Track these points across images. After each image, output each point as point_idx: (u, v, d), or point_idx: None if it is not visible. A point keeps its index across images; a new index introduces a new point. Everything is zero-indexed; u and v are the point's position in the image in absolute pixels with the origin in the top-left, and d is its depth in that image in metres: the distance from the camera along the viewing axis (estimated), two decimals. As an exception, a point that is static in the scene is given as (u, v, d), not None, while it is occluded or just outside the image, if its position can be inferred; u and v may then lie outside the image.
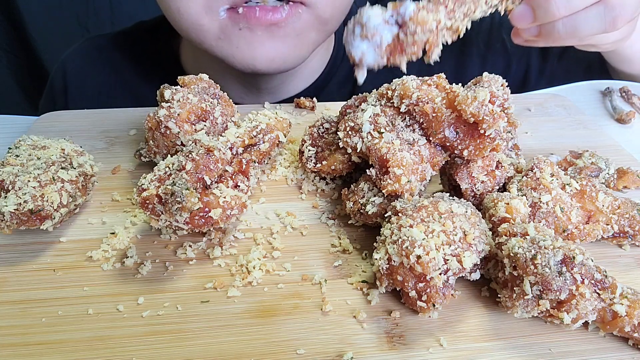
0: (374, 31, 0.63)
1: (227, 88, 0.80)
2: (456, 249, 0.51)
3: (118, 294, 0.55)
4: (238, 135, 0.65)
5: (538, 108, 0.91)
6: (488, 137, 0.57)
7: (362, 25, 0.63)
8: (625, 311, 0.49)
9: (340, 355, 0.49)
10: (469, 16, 0.68)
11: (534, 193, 0.59)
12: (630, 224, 0.60)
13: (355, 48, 0.64)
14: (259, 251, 0.60)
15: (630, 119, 0.89)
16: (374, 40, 0.63)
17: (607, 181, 0.70)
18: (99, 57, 1.14)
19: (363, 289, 0.56)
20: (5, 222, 0.55)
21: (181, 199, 0.53)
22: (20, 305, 0.53)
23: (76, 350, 0.49)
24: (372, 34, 0.63)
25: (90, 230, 0.63)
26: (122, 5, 1.80)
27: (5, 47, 1.85)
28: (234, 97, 0.79)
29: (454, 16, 0.66)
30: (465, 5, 0.67)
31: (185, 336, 0.50)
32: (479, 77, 0.67)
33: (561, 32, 0.70)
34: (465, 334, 0.52)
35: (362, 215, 0.61)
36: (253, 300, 0.54)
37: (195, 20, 0.86)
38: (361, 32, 0.64)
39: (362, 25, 0.63)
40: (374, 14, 0.63)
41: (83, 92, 1.12)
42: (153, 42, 1.12)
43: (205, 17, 0.85)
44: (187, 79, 0.71)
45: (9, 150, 0.64)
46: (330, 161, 0.66)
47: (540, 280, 0.48)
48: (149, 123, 0.67)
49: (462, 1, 0.67)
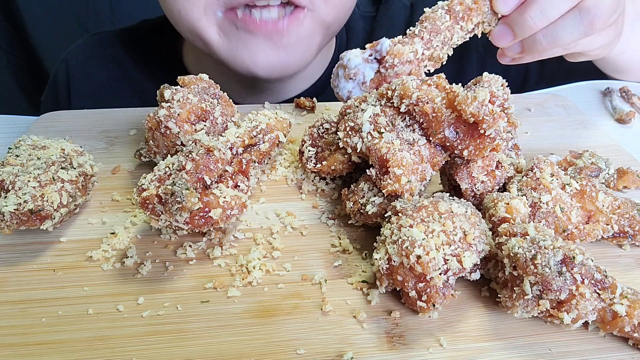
0: (356, 70, 0.67)
1: (228, 88, 0.80)
2: (456, 249, 0.51)
3: (118, 294, 0.55)
4: (238, 135, 0.65)
5: (538, 108, 0.91)
6: (488, 137, 0.57)
7: (344, 67, 0.67)
8: (625, 311, 0.49)
9: (340, 355, 0.49)
10: (447, 44, 0.70)
11: (534, 193, 0.59)
12: (630, 224, 0.60)
13: (342, 89, 0.68)
14: (259, 251, 0.60)
15: (630, 119, 0.89)
16: (357, 79, 0.67)
17: (607, 181, 0.70)
18: (103, 52, 1.14)
19: (363, 289, 0.56)
20: (5, 222, 0.55)
21: (181, 199, 0.53)
22: (20, 305, 0.53)
23: (76, 350, 0.49)
24: (354, 73, 0.67)
25: (90, 230, 0.63)
26: (122, 5, 1.80)
27: (5, 47, 1.85)
28: (234, 97, 0.79)
29: (432, 45, 0.69)
30: (441, 34, 0.69)
31: (185, 336, 0.50)
32: (479, 77, 0.67)
33: (543, 43, 0.71)
34: (465, 334, 0.52)
35: (362, 215, 0.61)
36: (253, 300, 0.54)
37: (195, 22, 0.87)
38: (344, 74, 0.67)
39: (344, 67, 0.67)
40: (353, 55, 0.67)
41: (86, 86, 1.12)
42: (157, 40, 1.13)
43: (204, 19, 0.87)
44: (187, 79, 0.71)
45: (9, 150, 0.64)
46: (330, 161, 0.66)
47: (540, 280, 0.48)
48: (149, 123, 0.67)
49: (436, 31, 0.69)
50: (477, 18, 0.70)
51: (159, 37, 1.13)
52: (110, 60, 1.13)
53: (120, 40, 1.15)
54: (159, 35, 1.13)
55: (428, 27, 0.69)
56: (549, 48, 0.72)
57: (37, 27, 1.83)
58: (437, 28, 0.69)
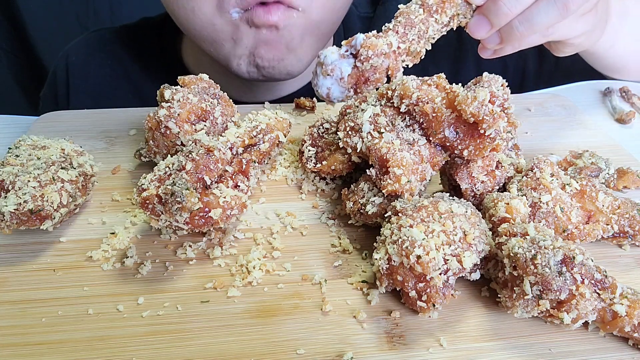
0: (333, 66, 0.68)
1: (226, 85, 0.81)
2: (456, 249, 0.51)
3: (118, 294, 0.55)
4: (238, 135, 0.65)
5: (538, 108, 0.91)
6: (488, 137, 0.57)
7: (322, 64, 0.69)
8: (625, 311, 0.49)
9: (340, 355, 0.49)
10: (423, 37, 0.71)
11: (534, 193, 0.59)
12: (630, 224, 0.60)
13: (320, 86, 0.69)
14: (259, 251, 0.60)
15: (630, 119, 0.89)
16: (334, 74, 0.68)
17: (607, 181, 0.70)
18: (102, 49, 1.14)
19: (363, 289, 0.56)
20: (5, 222, 0.55)
21: (181, 199, 0.53)
22: (20, 305, 0.53)
23: (76, 350, 0.49)
24: (331, 69, 0.68)
25: (90, 230, 0.63)
26: (122, 5, 1.80)
27: (5, 47, 1.85)
28: (233, 94, 0.79)
29: (407, 39, 0.70)
30: (415, 27, 0.70)
31: (185, 336, 0.50)
32: (479, 77, 0.67)
33: (520, 29, 0.71)
34: (465, 334, 0.52)
35: (362, 215, 0.61)
36: (253, 300, 0.54)
37: (209, 20, 0.87)
38: (322, 70, 0.69)
39: (322, 64, 0.69)
40: (329, 52, 0.69)
41: (85, 83, 1.12)
42: (157, 38, 1.13)
43: (218, 17, 0.87)
44: (187, 79, 0.71)
45: (9, 150, 0.64)
46: (330, 161, 0.66)
47: (540, 280, 0.48)
48: (149, 123, 0.67)
49: (411, 24, 0.70)
50: (451, 10, 0.71)
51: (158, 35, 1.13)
52: (110, 57, 1.13)
53: (120, 37, 1.15)
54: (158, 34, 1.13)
55: (402, 21, 0.70)
56: (527, 34, 0.72)
57: (37, 27, 1.83)
58: (411, 21, 0.70)
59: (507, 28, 0.72)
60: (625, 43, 0.93)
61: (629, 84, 0.97)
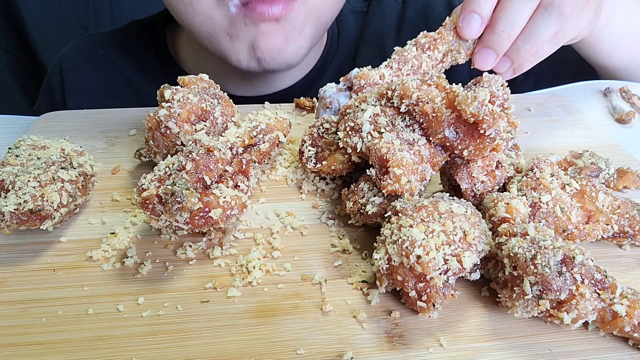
0: (331, 99, 0.74)
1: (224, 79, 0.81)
2: (456, 249, 0.51)
3: (118, 294, 0.55)
4: (238, 135, 0.65)
5: (538, 108, 0.91)
6: (488, 137, 0.57)
7: (322, 98, 0.74)
8: (625, 311, 0.49)
9: (340, 355, 0.49)
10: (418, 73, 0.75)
11: (534, 193, 0.59)
12: (630, 224, 0.60)
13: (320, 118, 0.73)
14: (259, 251, 0.60)
15: (630, 119, 0.89)
16: (333, 106, 0.74)
17: (607, 181, 0.70)
18: (95, 53, 1.15)
19: (363, 289, 0.56)
20: (5, 222, 0.55)
21: (181, 199, 0.53)
22: (20, 305, 0.53)
23: (76, 350, 0.49)
24: (329, 102, 0.74)
25: (90, 230, 0.63)
26: (122, 5, 1.80)
27: (5, 47, 1.85)
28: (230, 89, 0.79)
29: (401, 73, 0.74)
30: (409, 62, 0.74)
31: (185, 336, 0.50)
32: (479, 77, 0.67)
33: (526, 47, 0.72)
34: (465, 334, 0.52)
35: (362, 215, 0.61)
36: (253, 300, 0.54)
37: (207, 13, 0.88)
38: (322, 104, 0.74)
39: (322, 98, 0.74)
40: (329, 87, 0.74)
41: (81, 87, 1.13)
42: (148, 38, 1.14)
43: (217, 10, 0.88)
44: (187, 78, 0.72)
45: (9, 150, 0.64)
46: (330, 161, 0.66)
47: (540, 280, 0.48)
48: (149, 123, 0.67)
49: (404, 61, 0.74)
50: (443, 46, 0.74)
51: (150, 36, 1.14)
52: (103, 61, 1.14)
53: (112, 41, 1.16)
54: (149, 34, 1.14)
55: (396, 58, 0.75)
56: (534, 49, 0.73)
57: (37, 27, 1.83)
58: (405, 58, 0.74)
59: (514, 51, 0.73)
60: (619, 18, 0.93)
61: (629, 84, 0.97)
